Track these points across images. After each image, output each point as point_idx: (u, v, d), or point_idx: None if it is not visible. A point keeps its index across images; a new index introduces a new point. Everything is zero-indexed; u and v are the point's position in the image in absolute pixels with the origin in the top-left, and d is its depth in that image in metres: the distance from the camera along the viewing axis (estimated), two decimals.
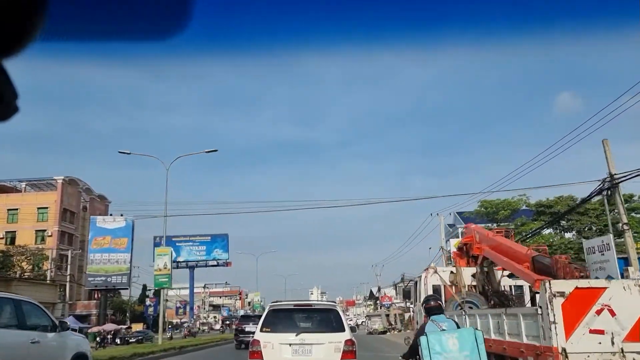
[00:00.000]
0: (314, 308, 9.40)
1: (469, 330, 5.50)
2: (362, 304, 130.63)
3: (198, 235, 75.80)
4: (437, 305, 5.69)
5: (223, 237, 75.46)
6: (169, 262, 21.48)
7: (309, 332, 8.40)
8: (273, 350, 8.25)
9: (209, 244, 75.02)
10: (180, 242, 74.96)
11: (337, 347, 8.21)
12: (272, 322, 8.69)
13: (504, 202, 42.53)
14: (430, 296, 6.23)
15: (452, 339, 5.15)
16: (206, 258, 74.46)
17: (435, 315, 5.51)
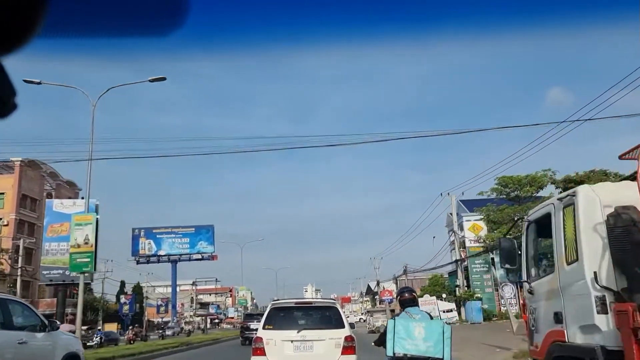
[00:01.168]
0: (314, 306, 9.60)
1: (438, 322, 5.41)
2: (358, 301, 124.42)
3: (181, 226, 69.06)
4: (412, 297, 5.66)
5: (208, 229, 68.79)
6: (91, 234, 15.30)
7: (310, 329, 8.55)
8: (275, 347, 8.40)
9: (192, 236, 68.29)
10: (161, 234, 68.17)
11: (337, 343, 8.36)
12: (274, 319, 8.84)
13: (528, 177, 36.25)
14: (404, 288, 6.16)
15: (419, 327, 5.10)
16: (190, 251, 67.69)
17: (410, 307, 5.49)
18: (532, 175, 36.22)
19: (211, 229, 68.85)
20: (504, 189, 37.89)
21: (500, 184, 37.62)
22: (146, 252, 67.04)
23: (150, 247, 67.40)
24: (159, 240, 67.69)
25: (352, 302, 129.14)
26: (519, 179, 36.54)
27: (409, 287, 6.57)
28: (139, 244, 67.37)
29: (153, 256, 67.30)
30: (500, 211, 37.29)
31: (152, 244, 67.69)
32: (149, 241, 67.68)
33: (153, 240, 67.67)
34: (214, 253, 68.52)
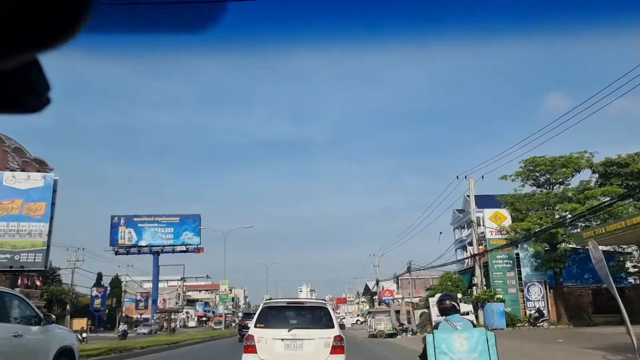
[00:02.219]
0: (305, 306, 9.53)
1: (481, 330, 5.01)
2: (354, 302, 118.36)
3: (164, 215, 63.00)
4: (453, 304, 5.21)
5: (194, 218, 62.77)
6: None
7: (301, 328, 8.61)
8: (266, 345, 8.48)
9: (177, 226, 62.26)
10: (142, 222, 62.12)
11: (326, 343, 8.45)
12: (265, 318, 8.92)
13: (563, 158, 30.39)
14: (444, 295, 5.60)
15: (460, 339, 4.75)
16: (174, 242, 61.65)
17: (450, 315, 5.09)
18: (567, 156, 30.35)
19: (197, 219, 62.84)
20: (532, 173, 32.02)
21: (528, 167, 31.74)
22: (126, 242, 61.00)
23: (131, 237, 61.37)
24: (140, 229, 61.66)
25: (348, 303, 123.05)
26: (551, 159, 30.67)
27: (449, 294, 5.88)
28: (118, 233, 61.31)
29: (133, 247, 61.25)
30: (529, 197, 31.42)
31: (133, 233, 61.65)
32: (129, 230, 61.63)
33: (134, 229, 61.61)
34: (199, 245, 62.57)
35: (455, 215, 74.30)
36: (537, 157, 31.19)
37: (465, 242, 70.93)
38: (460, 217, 71.92)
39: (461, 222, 72.22)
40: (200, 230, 62.50)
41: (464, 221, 72.42)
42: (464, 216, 71.68)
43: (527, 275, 31.86)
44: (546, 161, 30.99)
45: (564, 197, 30.16)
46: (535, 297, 31.49)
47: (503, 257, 32.23)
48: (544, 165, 30.90)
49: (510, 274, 31.97)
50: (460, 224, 72.36)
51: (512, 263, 32.09)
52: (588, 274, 31.51)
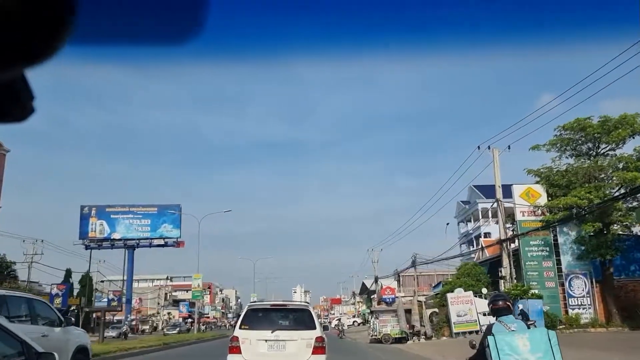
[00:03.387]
0: (289, 308, 9.65)
1: (542, 330, 4.79)
2: (349, 302, 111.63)
3: (141, 205, 56.20)
4: (506, 305, 4.98)
5: (174, 209, 56.01)
6: None
7: (284, 330, 8.78)
8: (250, 346, 8.64)
9: (155, 218, 55.51)
10: (116, 213, 55.30)
11: (308, 343, 8.59)
12: (250, 320, 9.08)
13: (612, 120, 24.06)
14: (497, 295, 5.45)
15: (523, 339, 4.55)
16: (151, 235, 54.90)
17: (504, 316, 4.86)
18: (620, 117, 24.00)
19: (178, 210, 56.14)
20: (572, 140, 25.67)
21: (569, 132, 25.34)
22: (97, 235, 54.19)
23: (103, 229, 54.54)
24: (113, 221, 54.82)
25: (342, 304, 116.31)
26: (602, 120, 24.30)
27: (502, 295, 6.13)
28: (89, 225, 54.53)
29: (105, 240, 54.45)
30: (572, 169, 25.00)
31: (105, 226, 54.81)
32: (100, 222, 54.79)
33: (106, 221, 54.76)
34: (180, 238, 55.92)
35: (459, 208, 67.85)
36: (580, 118, 24.84)
37: (472, 236, 64.50)
38: (466, 209, 65.49)
39: (467, 215, 65.76)
40: (180, 222, 55.88)
41: (470, 213, 66.02)
42: (470, 208, 65.25)
43: (569, 265, 25.41)
44: (592, 124, 24.61)
45: (616, 165, 23.86)
46: (579, 292, 25.08)
47: (538, 243, 25.79)
48: (590, 128, 24.51)
49: (547, 263, 25.53)
50: (466, 216, 65.90)
51: (550, 250, 25.64)
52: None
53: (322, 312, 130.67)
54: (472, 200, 63.69)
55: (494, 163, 27.25)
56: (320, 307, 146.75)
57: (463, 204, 65.69)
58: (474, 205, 62.27)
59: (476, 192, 62.09)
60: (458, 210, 67.33)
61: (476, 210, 61.42)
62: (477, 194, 61.96)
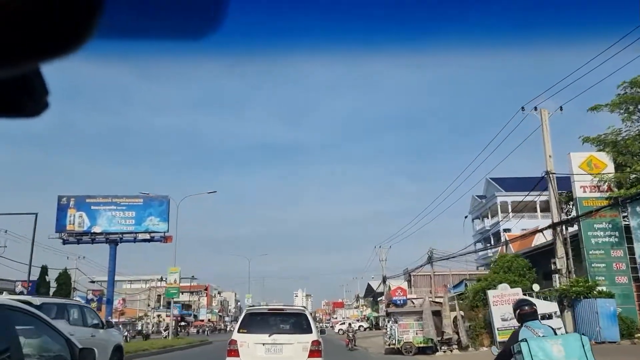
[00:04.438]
0: (286, 312, 9.84)
1: (575, 335, 4.56)
2: (352, 305, 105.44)
3: (125, 196, 50.36)
4: (533, 310, 4.73)
5: (162, 201, 50.11)
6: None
7: (281, 333, 8.88)
8: (248, 349, 8.75)
9: (140, 210, 49.55)
10: (97, 204, 49.30)
11: (304, 347, 8.70)
12: (248, 324, 9.21)
13: None
14: (523, 300, 5.16)
15: (557, 345, 4.28)
16: (136, 229, 48.84)
17: (530, 322, 4.62)
18: None
19: (165, 202, 50.14)
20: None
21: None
22: (75, 229, 48.27)
23: (82, 222, 48.54)
24: (94, 212, 48.82)
25: (345, 307, 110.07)
26: None
27: (527, 300, 5.71)
28: (67, 217, 48.62)
29: (85, 234, 48.49)
30: None
31: (85, 218, 48.80)
32: (80, 214, 48.77)
33: (86, 213, 48.73)
34: (167, 233, 50.05)
35: (474, 203, 61.81)
36: None
37: (489, 233, 58.44)
38: (482, 204, 59.43)
39: (483, 210, 59.69)
40: (168, 215, 50.00)
41: (487, 208, 59.94)
42: (487, 202, 59.16)
43: None
44: None
45: None
46: None
47: (605, 226, 19.88)
48: None
49: (617, 253, 19.61)
50: (482, 212, 59.82)
51: (619, 236, 19.74)
52: None
53: (324, 316, 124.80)
54: (489, 194, 57.72)
55: (542, 127, 21.36)
56: (322, 311, 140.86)
57: (479, 199, 59.70)
58: (491, 199, 56.26)
59: (494, 184, 56.12)
60: (473, 205, 61.26)
61: (494, 205, 55.40)
62: (494, 187, 56.00)
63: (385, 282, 52.05)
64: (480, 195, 59.83)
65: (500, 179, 56.03)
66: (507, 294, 19.15)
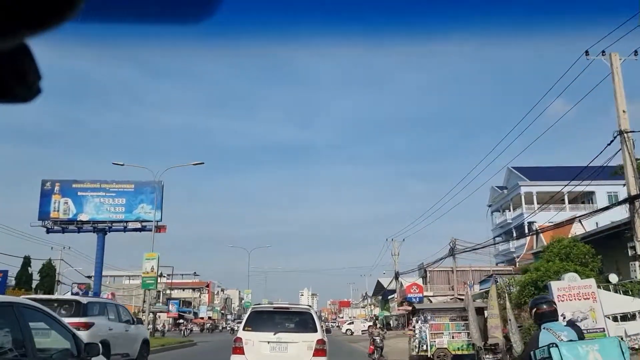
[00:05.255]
0: (291, 311, 9.73)
1: (613, 340, 4.00)
2: (359, 305, 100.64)
3: (115, 182, 45.90)
4: (552, 309, 4.06)
5: (154, 187, 45.65)
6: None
7: (286, 332, 8.87)
8: (253, 347, 8.71)
9: (131, 196, 45.16)
10: (84, 190, 44.89)
11: (309, 346, 8.66)
12: (253, 322, 9.14)
13: None
14: (540, 298, 4.48)
15: (593, 351, 3.60)
16: (126, 217, 44.51)
17: (550, 323, 3.97)
18: None
19: (159, 188, 45.63)
20: None
21: None
22: (60, 216, 43.92)
23: (68, 209, 44.15)
24: (80, 199, 44.43)
25: (352, 307, 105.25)
26: None
27: (546, 297, 4.89)
28: (51, 204, 44.32)
29: (70, 222, 44.12)
30: None
31: (71, 205, 44.41)
32: (65, 200, 44.38)
33: (72, 199, 44.35)
34: (161, 222, 45.57)
35: (494, 194, 56.83)
36: None
37: (511, 226, 53.43)
38: (503, 195, 54.38)
39: (504, 202, 54.68)
40: (162, 202, 45.48)
41: (509, 200, 54.93)
42: (509, 192, 54.11)
43: None
44: None
45: None
46: None
47: None
48: None
49: None
50: (503, 204, 54.83)
51: None
52: None
53: (330, 315, 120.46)
54: (510, 185, 52.75)
55: (613, 76, 16.58)
56: (328, 310, 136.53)
57: (499, 189, 54.71)
58: (514, 190, 51.24)
59: (516, 173, 51.09)
60: (492, 196, 56.24)
61: (517, 195, 50.43)
62: (517, 177, 51.00)
63: (398, 278, 47.24)
64: (501, 186, 54.85)
65: (524, 168, 51.02)
66: (576, 286, 14.36)
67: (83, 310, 11.26)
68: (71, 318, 10.19)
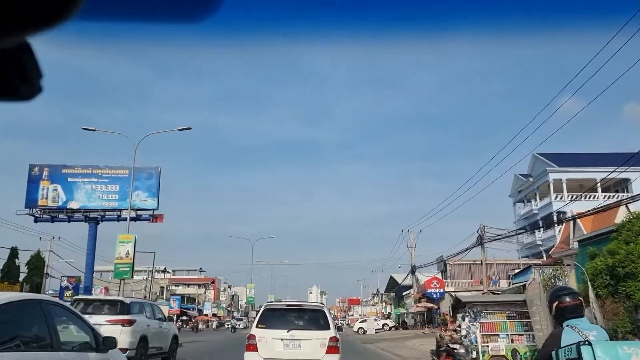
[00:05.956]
0: (304, 308, 9.68)
1: None
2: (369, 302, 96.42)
3: (107, 167, 42.23)
4: (577, 303, 3.28)
5: (151, 173, 41.99)
6: None
7: (299, 329, 8.86)
8: (267, 344, 8.72)
9: (125, 183, 41.23)
10: (75, 176, 41.27)
11: (322, 343, 8.64)
12: (266, 319, 9.17)
13: None
14: (562, 289, 3.55)
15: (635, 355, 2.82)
16: (120, 206, 40.87)
17: (575, 319, 3.20)
18: None
19: (155, 174, 42.06)
20: None
21: None
22: (49, 204, 40.35)
23: (57, 196, 40.53)
24: (70, 185, 40.80)
25: (362, 304, 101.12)
26: None
27: (569, 288, 3.84)
28: (39, 190, 40.74)
29: (60, 210, 40.60)
30: None
31: (60, 191, 40.80)
32: (54, 186, 40.75)
33: (61, 186, 40.73)
34: (157, 211, 41.89)
35: (518, 183, 52.45)
36: None
37: (537, 217, 49.06)
38: (529, 183, 49.91)
39: (529, 191, 50.23)
40: (159, 190, 41.81)
41: (535, 188, 50.52)
42: (535, 180, 49.59)
43: None
44: None
45: None
46: None
47: None
48: None
49: None
50: (528, 193, 50.37)
51: None
52: None
53: (339, 313, 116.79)
54: (536, 172, 48.34)
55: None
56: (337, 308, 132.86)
57: (523, 178, 50.29)
58: (541, 177, 46.80)
59: (543, 160, 46.65)
60: (516, 185, 51.79)
61: (545, 183, 46.02)
62: (544, 163, 46.57)
63: (415, 273, 43.05)
64: (525, 175, 50.45)
65: (551, 155, 46.59)
66: None
67: (127, 309, 12.33)
68: (117, 316, 11.85)
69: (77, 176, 41.62)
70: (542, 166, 46.68)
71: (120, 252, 22.05)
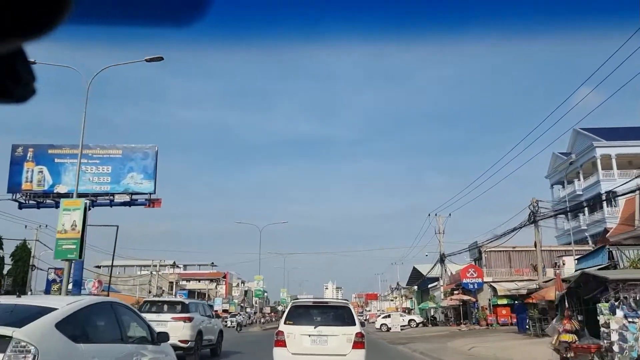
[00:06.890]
0: (330, 305, 10.09)
1: None
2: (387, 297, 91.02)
3: (98, 146, 37.50)
4: None
5: (146, 152, 37.14)
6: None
7: (325, 325, 9.10)
8: (295, 340, 9.02)
9: (118, 164, 36.57)
10: (62, 156, 36.52)
11: (349, 339, 8.87)
12: (294, 316, 9.49)
13: None
14: None
15: None
16: (112, 189, 36.01)
17: None
18: None
19: (151, 153, 37.15)
20: None
21: None
22: (34, 188, 35.69)
23: (43, 179, 35.80)
24: (57, 167, 36.05)
25: (380, 299, 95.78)
26: None
27: None
28: (23, 173, 36.20)
29: (46, 195, 35.95)
30: None
31: (46, 174, 36.08)
32: (40, 168, 36.02)
33: (47, 167, 36.00)
34: (154, 195, 37.09)
35: (556, 162, 46.70)
36: None
37: (581, 199, 43.31)
38: (572, 160, 44.14)
39: (572, 169, 44.38)
40: (155, 171, 37.00)
41: (578, 167, 44.76)
42: (579, 156, 43.66)
43: None
44: None
45: None
46: None
47: None
48: None
49: None
50: (570, 172, 44.50)
51: None
52: None
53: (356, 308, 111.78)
54: (577, 150, 42.57)
55: None
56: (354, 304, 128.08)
57: (562, 156, 44.51)
58: (586, 153, 40.97)
59: (586, 134, 40.80)
60: (554, 165, 45.98)
61: (590, 160, 40.24)
62: (587, 138, 40.77)
63: (444, 262, 37.64)
64: (564, 153, 44.65)
65: (595, 129, 40.75)
66: None
67: (187, 308, 14.52)
68: (179, 314, 14.11)
69: (65, 157, 36.95)
70: (586, 142, 40.88)
71: (65, 224, 17.10)
